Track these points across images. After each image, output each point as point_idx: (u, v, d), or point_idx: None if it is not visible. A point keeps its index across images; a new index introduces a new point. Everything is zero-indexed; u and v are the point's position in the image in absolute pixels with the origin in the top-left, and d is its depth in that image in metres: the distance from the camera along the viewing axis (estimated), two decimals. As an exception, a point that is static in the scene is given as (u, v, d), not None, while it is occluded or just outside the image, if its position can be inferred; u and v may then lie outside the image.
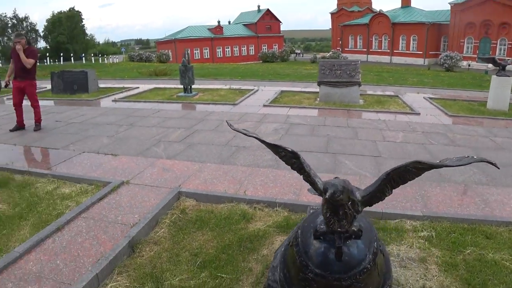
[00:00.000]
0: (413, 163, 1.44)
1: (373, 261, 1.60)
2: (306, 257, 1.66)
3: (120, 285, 2.80)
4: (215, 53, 62.77)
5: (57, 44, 59.83)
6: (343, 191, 1.38)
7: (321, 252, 1.63)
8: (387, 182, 1.50)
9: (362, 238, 1.63)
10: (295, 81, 15.16)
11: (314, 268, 1.61)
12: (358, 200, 1.48)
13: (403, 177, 1.49)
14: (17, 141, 7.03)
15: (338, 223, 1.48)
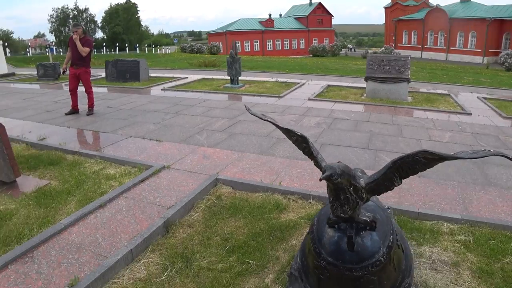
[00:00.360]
0: (421, 152, 1.39)
1: (387, 254, 1.57)
2: (319, 245, 1.66)
3: (152, 262, 2.93)
4: (265, 46, 62.80)
5: (114, 35, 62.37)
6: (341, 175, 1.34)
7: (334, 241, 1.63)
8: (394, 170, 1.45)
9: (377, 231, 1.61)
10: (343, 76, 14.90)
11: (327, 256, 1.61)
12: (361, 187, 1.43)
13: (412, 167, 1.45)
14: (71, 124, 7.47)
15: (340, 208, 1.46)
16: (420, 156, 1.40)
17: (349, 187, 1.41)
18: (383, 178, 1.45)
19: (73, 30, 7.92)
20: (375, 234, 1.61)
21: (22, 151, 5.85)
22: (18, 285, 2.73)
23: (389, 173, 1.45)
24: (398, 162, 1.42)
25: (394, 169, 1.44)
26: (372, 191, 1.49)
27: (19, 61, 29.73)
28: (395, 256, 1.66)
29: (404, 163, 1.44)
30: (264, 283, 2.63)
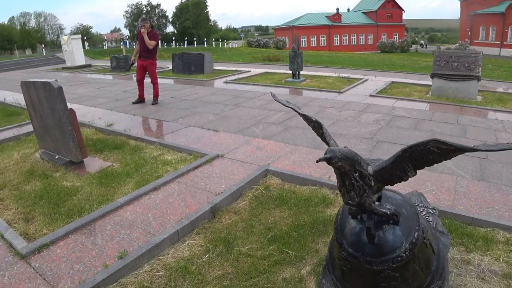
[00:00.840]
0: (432, 141, 1.31)
1: (410, 251, 1.49)
2: (341, 235, 1.64)
3: (196, 244, 3.07)
4: (332, 41, 61.73)
5: (183, 29, 64.68)
6: (342, 159, 1.29)
7: (355, 232, 1.60)
8: (405, 159, 1.37)
9: (400, 225, 1.54)
10: (409, 72, 14.26)
11: (347, 247, 1.59)
12: (368, 174, 1.38)
13: (426, 157, 1.35)
14: (137, 112, 7.92)
15: (347, 194, 1.41)
16: (432, 146, 1.32)
17: (354, 173, 1.36)
18: (392, 166, 1.38)
19: (141, 24, 8.37)
20: (398, 228, 1.54)
21: (91, 135, 6.32)
22: (75, 252, 3.00)
23: (399, 162, 1.37)
24: (408, 151, 1.35)
25: (405, 157, 1.35)
26: (383, 180, 1.43)
27: (96, 53, 31.83)
28: (421, 255, 1.58)
29: (416, 152, 1.35)
30: (300, 274, 2.64)
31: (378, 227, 1.56)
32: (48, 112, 4.86)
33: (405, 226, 1.56)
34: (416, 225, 1.56)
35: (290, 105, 1.84)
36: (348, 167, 1.34)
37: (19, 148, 5.98)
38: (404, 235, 1.54)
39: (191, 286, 2.58)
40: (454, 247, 2.91)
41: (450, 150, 1.31)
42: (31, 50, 61.06)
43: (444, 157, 1.36)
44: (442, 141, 1.30)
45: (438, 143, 1.30)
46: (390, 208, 1.55)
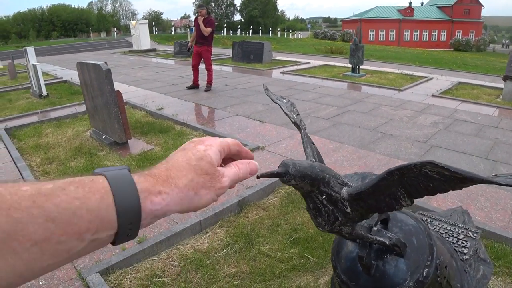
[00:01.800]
0: (429, 164, 0.94)
1: None
2: (336, 258, 1.39)
3: (217, 236, 2.98)
4: (402, 36, 58.94)
5: (250, 18, 65.01)
6: (296, 176, 0.95)
7: (351, 257, 1.34)
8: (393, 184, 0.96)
9: (406, 258, 1.26)
10: (481, 73, 13.18)
11: (341, 273, 1.33)
12: (341, 197, 1.05)
13: (423, 184, 1.00)
14: (189, 97, 8.01)
15: (315, 219, 1.10)
16: (431, 170, 0.96)
17: (319, 195, 1.05)
18: (373, 191, 1.03)
19: (198, 10, 8.43)
20: (402, 261, 1.25)
21: (141, 118, 6.47)
22: (99, 234, 3.03)
23: (384, 186, 0.97)
24: (396, 174, 0.94)
25: (392, 182, 1.01)
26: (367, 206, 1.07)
27: (163, 38, 32.90)
28: None
29: (409, 176, 1.00)
30: (317, 283, 2.46)
31: (378, 257, 1.29)
32: (98, 93, 5.02)
33: (412, 260, 1.27)
34: (427, 260, 1.26)
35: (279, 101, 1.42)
36: (307, 187, 1.02)
37: (74, 125, 6.27)
38: (409, 270, 1.25)
39: (201, 280, 2.50)
40: (499, 277, 2.55)
41: (457, 179, 0.95)
42: (105, 33, 64.61)
43: (450, 186, 0.98)
44: (442, 165, 0.93)
45: (437, 167, 0.94)
46: (391, 237, 1.23)
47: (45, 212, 0.39)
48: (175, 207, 0.52)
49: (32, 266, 0.39)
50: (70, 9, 71.38)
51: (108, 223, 0.44)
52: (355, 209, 1.04)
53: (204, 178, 0.55)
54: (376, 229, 1.24)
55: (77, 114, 6.91)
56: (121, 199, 0.45)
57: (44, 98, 8.58)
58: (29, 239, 0.38)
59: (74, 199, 0.42)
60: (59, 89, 9.91)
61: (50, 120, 6.59)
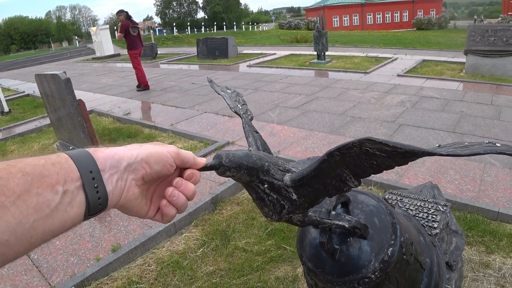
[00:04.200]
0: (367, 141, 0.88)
1: (381, 271, 1.20)
2: (301, 246, 1.36)
3: (193, 237, 2.95)
4: (365, 20, 59.67)
5: (214, 14, 64.54)
6: (231, 167, 0.89)
7: (315, 244, 1.32)
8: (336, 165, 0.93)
9: (369, 239, 1.25)
10: (443, 50, 13.50)
11: (307, 261, 1.32)
12: (284, 185, 1.01)
13: (368, 162, 0.97)
14: (155, 99, 7.91)
15: (261, 210, 1.04)
16: (371, 147, 0.92)
17: (261, 184, 0.98)
18: (316, 174, 0.99)
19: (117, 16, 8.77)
20: (365, 243, 1.25)
21: (109, 125, 6.35)
22: (72, 244, 2.97)
23: (327, 169, 0.98)
24: (337, 154, 0.91)
25: (334, 163, 0.97)
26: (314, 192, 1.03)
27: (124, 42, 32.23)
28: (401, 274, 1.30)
29: (351, 156, 0.95)
30: (295, 272, 2.47)
31: (341, 241, 1.27)
32: (60, 104, 4.88)
33: (375, 240, 1.26)
34: (391, 239, 1.25)
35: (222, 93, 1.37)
36: (245, 177, 0.95)
37: (39, 139, 6.09)
38: (373, 251, 1.23)
39: (180, 282, 2.48)
40: (473, 246, 2.62)
41: (398, 153, 0.91)
42: (67, 42, 62.92)
43: (394, 161, 0.94)
44: (380, 141, 0.87)
45: (376, 143, 0.89)
46: (351, 220, 1.21)
47: (21, 169, 0.48)
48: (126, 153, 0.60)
49: (21, 220, 0.45)
50: (28, 20, 69.04)
51: (72, 172, 0.52)
52: (302, 195, 0.99)
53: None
54: (334, 213, 1.21)
55: (42, 128, 6.71)
56: (74, 153, 0.55)
57: (6, 115, 8.30)
58: (13, 192, 0.45)
59: (40, 159, 0.51)
60: (21, 103, 9.60)
61: (14, 136, 6.38)
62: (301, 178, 0.96)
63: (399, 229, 1.29)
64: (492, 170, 3.74)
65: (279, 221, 1.05)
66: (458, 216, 3.00)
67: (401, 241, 1.27)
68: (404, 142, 1.80)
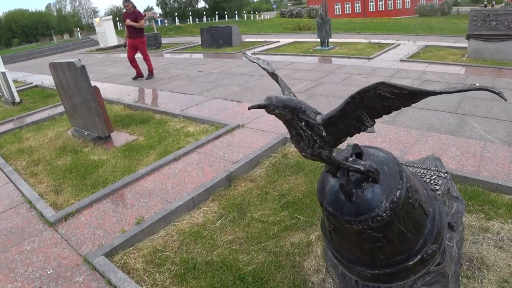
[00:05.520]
0: (381, 85, 1.16)
1: (391, 210, 1.42)
2: (321, 194, 1.60)
3: (210, 210, 3.15)
4: (368, 7, 59.18)
5: (215, 3, 64.02)
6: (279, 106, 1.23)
7: (334, 190, 1.54)
8: (357, 107, 1.25)
9: (380, 183, 1.46)
10: (446, 35, 13.55)
11: (327, 206, 1.54)
12: (316, 123, 1.30)
13: (380, 104, 1.23)
14: (163, 87, 8.06)
15: (298, 145, 1.36)
16: (383, 90, 1.18)
17: (299, 122, 1.30)
18: (341, 114, 1.27)
19: (125, 5, 8.79)
20: (377, 187, 1.47)
21: (120, 112, 6.52)
22: (97, 219, 3.18)
23: (350, 110, 1.25)
24: (357, 97, 1.22)
25: (355, 105, 1.24)
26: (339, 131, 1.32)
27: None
28: (407, 216, 1.50)
29: (368, 98, 1.22)
30: (309, 238, 2.66)
31: (356, 186, 1.49)
32: (75, 91, 5.05)
33: (385, 184, 1.48)
34: (398, 183, 1.47)
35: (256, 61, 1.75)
36: (289, 115, 1.28)
37: (53, 127, 6.27)
38: (384, 193, 1.46)
39: (202, 249, 2.67)
40: (473, 214, 2.79)
41: (403, 95, 1.18)
42: (68, 34, 62.85)
43: (401, 103, 1.22)
44: (390, 83, 1.15)
45: (388, 86, 1.16)
46: (365, 165, 1.46)
47: None
48: None
49: None
50: (28, 13, 68.80)
51: None
52: (329, 133, 1.28)
53: None
54: (351, 159, 1.45)
55: (54, 116, 6.89)
56: None
57: (18, 105, 8.48)
58: None
59: None
60: (31, 94, 9.76)
61: (28, 124, 6.56)
62: (330, 117, 1.23)
63: (405, 176, 1.51)
64: (491, 147, 3.90)
65: (311, 155, 1.30)
66: (459, 188, 3.16)
67: (407, 186, 1.49)
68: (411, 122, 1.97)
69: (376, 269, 1.60)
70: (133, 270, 2.56)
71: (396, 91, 1.17)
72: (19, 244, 3.04)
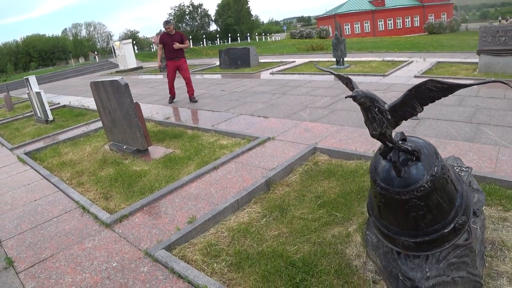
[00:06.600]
0: (429, 81, 1.65)
1: (431, 182, 1.79)
2: (375, 173, 1.97)
3: (254, 211, 3.47)
4: (377, 26, 60.06)
5: (226, 26, 65.52)
6: (363, 96, 1.70)
7: (386, 169, 1.91)
8: (411, 98, 1.70)
9: (422, 161, 1.85)
10: (457, 51, 13.90)
11: (380, 182, 1.91)
12: (385, 109, 1.74)
13: (428, 95, 1.70)
14: (191, 106, 8.49)
15: (371, 125, 1.77)
16: (431, 85, 1.67)
17: (374, 108, 1.72)
18: (402, 103, 1.73)
19: (166, 27, 8.73)
20: (420, 164, 1.85)
21: (152, 128, 6.92)
22: (151, 220, 3.51)
23: (408, 100, 1.71)
24: (413, 90, 1.69)
25: (411, 96, 1.71)
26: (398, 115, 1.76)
27: (145, 56, 33.34)
28: (443, 189, 1.87)
29: (420, 91, 1.69)
30: (347, 231, 2.96)
31: (403, 164, 1.88)
32: (116, 107, 5.46)
33: (426, 162, 1.87)
34: (435, 161, 1.87)
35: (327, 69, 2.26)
36: (368, 103, 1.74)
37: (89, 142, 6.69)
38: (425, 169, 1.85)
39: (252, 243, 2.98)
40: (492, 207, 3.09)
41: (444, 88, 1.65)
42: (83, 58, 64.67)
43: (442, 94, 1.69)
44: (436, 80, 1.65)
45: (434, 82, 1.66)
46: (411, 145, 1.87)
47: None
48: None
49: None
50: (45, 38, 71.10)
51: None
52: (393, 116, 1.78)
53: None
54: (401, 142, 1.87)
55: (89, 133, 7.33)
56: None
57: (51, 123, 8.97)
58: None
59: None
60: (61, 113, 10.29)
61: (65, 141, 7.00)
62: (394, 105, 1.70)
63: (440, 157, 1.89)
64: (506, 151, 4.19)
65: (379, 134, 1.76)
66: (480, 188, 3.46)
67: (442, 164, 1.88)
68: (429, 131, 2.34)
69: (418, 237, 1.94)
70: (192, 261, 2.88)
71: (439, 85, 1.63)
72: (80, 243, 3.38)
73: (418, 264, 2.10)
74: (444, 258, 2.12)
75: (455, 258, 2.14)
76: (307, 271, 2.55)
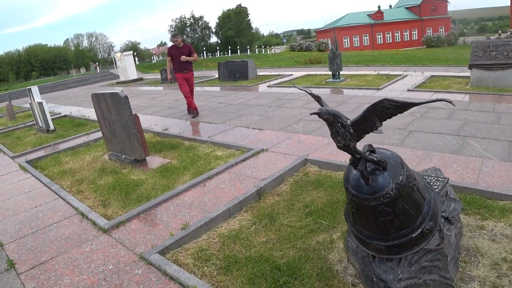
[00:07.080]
0: (385, 100, 1.86)
1: (396, 189, 1.97)
2: (347, 182, 2.16)
3: (244, 219, 3.65)
4: (375, 39, 60.77)
5: (226, 38, 66.13)
6: (326, 113, 1.91)
7: (356, 178, 2.11)
8: (370, 114, 1.89)
9: (388, 171, 2.04)
10: (450, 65, 14.18)
11: (351, 190, 2.11)
12: (347, 124, 1.94)
13: (385, 112, 1.91)
14: (188, 117, 8.70)
15: (335, 138, 1.97)
16: (386, 103, 1.88)
17: (337, 123, 1.91)
18: (362, 119, 1.93)
19: (174, 40, 8.66)
20: (386, 173, 2.04)
21: (150, 139, 7.13)
22: (146, 226, 3.69)
23: (367, 116, 1.91)
24: (371, 108, 1.89)
25: (370, 112, 1.91)
26: (360, 129, 1.95)
27: (146, 67, 33.74)
28: (408, 196, 2.05)
29: (377, 108, 1.90)
30: (331, 238, 3.14)
31: (371, 173, 2.07)
32: (115, 118, 5.67)
33: (391, 171, 2.06)
34: (400, 171, 2.06)
35: (304, 89, 2.48)
36: (332, 119, 1.94)
37: (89, 152, 6.89)
38: (391, 177, 2.04)
39: (241, 248, 3.16)
40: (471, 215, 3.27)
41: (398, 106, 1.87)
42: (85, 68, 65.23)
43: (397, 111, 1.91)
44: (390, 99, 1.88)
45: (388, 101, 1.89)
46: (377, 156, 2.06)
47: None
48: None
49: None
50: (47, 48, 71.81)
51: None
52: (355, 130, 1.98)
53: None
54: (368, 153, 2.05)
55: (89, 143, 7.53)
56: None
57: (52, 133, 9.18)
58: None
59: None
60: (61, 123, 10.50)
61: (65, 150, 7.19)
62: (355, 120, 1.91)
63: (406, 167, 2.08)
64: (489, 163, 4.38)
65: (344, 146, 1.95)
66: (459, 197, 3.60)
67: (407, 173, 2.07)
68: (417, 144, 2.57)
69: (388, 241, 2.12)
70: (183, 265, 3.05)
71: (393, 103, 1.82)
72: (79, 247, 3.55)
73: (391, 267, 2.28)
74: (416, 261, 2.31)
75: (427, 262, 2.33)
76: (291, 275, 2.73)
